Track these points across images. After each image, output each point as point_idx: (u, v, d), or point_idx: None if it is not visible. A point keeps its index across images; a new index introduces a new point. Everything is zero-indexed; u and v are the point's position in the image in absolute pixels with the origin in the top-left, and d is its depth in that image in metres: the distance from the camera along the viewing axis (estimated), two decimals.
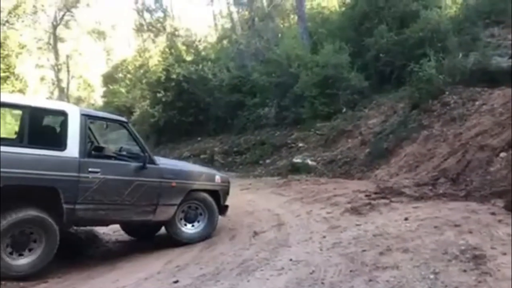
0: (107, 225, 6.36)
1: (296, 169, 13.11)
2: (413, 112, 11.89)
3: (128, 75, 27.44)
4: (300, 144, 14.56)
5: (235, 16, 20.14)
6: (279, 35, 20.53)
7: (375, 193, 7.46)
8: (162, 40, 24.37)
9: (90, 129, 5.88)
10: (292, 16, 20.72)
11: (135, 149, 6.16)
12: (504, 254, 3.61)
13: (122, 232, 6.91)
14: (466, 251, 3.73)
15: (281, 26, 21.82)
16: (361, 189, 7.89)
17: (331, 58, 14.52)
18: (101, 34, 35.49)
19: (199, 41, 20.47)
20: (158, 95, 18.65)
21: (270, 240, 5.31)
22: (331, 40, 15.86)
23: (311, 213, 6.50)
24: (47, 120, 5.89)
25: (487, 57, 12.07)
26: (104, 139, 7.33)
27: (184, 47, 20.29)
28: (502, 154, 8.36)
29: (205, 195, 6.41)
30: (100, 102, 31.99)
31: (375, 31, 15.61)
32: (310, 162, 12.93)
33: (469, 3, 16.57)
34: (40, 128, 5.56)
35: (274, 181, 10.82)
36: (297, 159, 13.39)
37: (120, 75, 29.00)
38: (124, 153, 6.22)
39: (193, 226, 6.34)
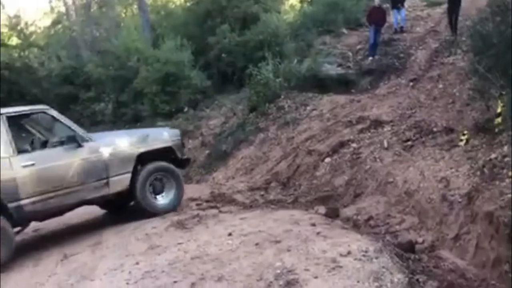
0: (68, 211, 6.16)
1: None
2: (251, 115, 12.04)
3: None
4: None
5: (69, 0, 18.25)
6: (121, 24, 19.21)
7: (207, 201, 7.19)
8: None
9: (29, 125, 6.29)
10: (135, 6, 19.53)
11: (61, 133, 6.00)
12: (316, 277, 3.54)
13: None
14: (281, 276, 3.58)
15: (123, 15, 20.45)
16: (194, 196, 7.54)
17: (172, 55, 13.95)
18: None
19: (27, 24, 18.01)
20: None
21: (76, 268, 4.57)
22: (174, 35, 15.31)
23: (137, 228, 5.88)
24: None
25: (318, 64, 12.81)
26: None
27: (6, 30, 17.63)
28: (327, 160, 8.85)
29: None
30: None
31: (218, 30, 15.55)
32: None
33: (306, 10, 17.56)
34: None
35: None
36: None
37: None
38: (62, 139, 5.92)
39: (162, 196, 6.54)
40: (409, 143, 8.03)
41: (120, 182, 6.17)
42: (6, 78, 15.74)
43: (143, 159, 6.41)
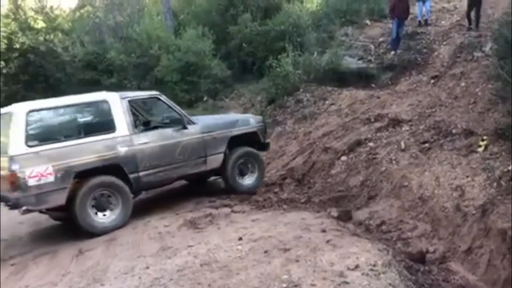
0: (170, 183, 7.22)
1: None
2: (269, 107, 12.04)
3: None
4: None
5: None
6: (145, 10, 19.25)
7: (222, 195, 7.27)
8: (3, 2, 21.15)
9: (134, 107, 7.04)
10: None
11: (170, 116, 7.05)
12: None
13: None
14: None
15: (146, 0, 20.45)
16: (211, 190, 7.66)
17: (193, 44, 13.95)
18: None
19: (52, 7, 18.18)
20: None
21: (89, 268, 4.71)
22: (196, 23, 15.30)
23: (148, 224, 6.01)
24: (94, 110, 6.48)
25: (338, 57, 12.65)
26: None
27: (32, 13, 17.83)
28: (343, 158, 8.81)
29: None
30: None
31: (240, 19, 15.45)
32: None
33: (329, 0, 17.26)
34: (91, 118, 6.44)
35: None
36: None
37: None
38: (167, 121, 7.03)
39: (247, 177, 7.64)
40: (427, 145, 7.94)
41: (215, 160, 7.21)
42: (31, 62, 16.05)
43: (233, 141, 7.42)
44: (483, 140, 6.95)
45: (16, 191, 5.62)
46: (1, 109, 6.28)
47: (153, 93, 7.21)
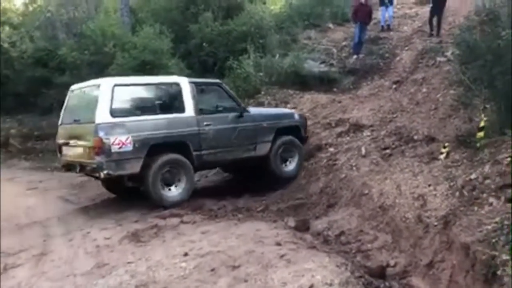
0: (224, 165, 8.17)
1: None
2: None
3: None
4: None
5: None
6: (103, 6, 18.40)
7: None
8: None
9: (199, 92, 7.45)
10: None
11: (228, 104, 7.69)
12: None
13: None
14: None
15: None
16: None
17: (150, 42, 13.32)
18: None
19: None
20: None
21: None
22: (155, 21, 14.68)
23: (87, 236, 5.43)
24: (168, 91, 7.23)
25: (301, 60, 12.38)
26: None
27: None
28: (305, 163, 8.48)
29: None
30: None
31: (200, 18, 14.96)
32: None
33: (292, 2, 17.03)
34: (165, 98, 7.15)
35: (70, 179, 9.35)
36: None
37: None
38: (221, 108, 7.57)
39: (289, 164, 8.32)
40: (388, 151, 7.71)
41: (263, 147, 7.90)
42: None
43: (279, 132, 8.08)
44: (444, 147, 6.75)
45: (100, 155, 6.23)
46: (89, 81, 7.13)
47: (216, 81, 8.13)
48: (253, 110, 8.23)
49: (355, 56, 12.66)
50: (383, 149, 7.81)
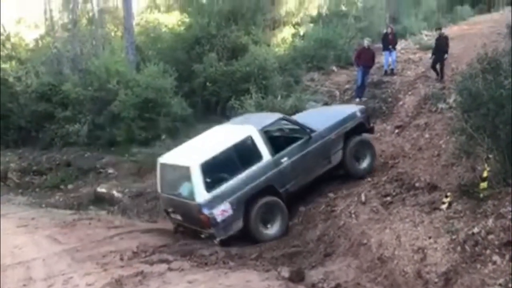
0: (307, 186, 8.22)
1: (99, 200, 11.58)
2: None
3: None
4: (111, 171, 12.98)
5: (56, 15, 17.72)
6: (110, 43, 18.70)
7: (160, 248, 6.50)
8: None
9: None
10: None
11: (296, 131, 8.23)
12: None
13: None
14: None
15: (112, 34, 19.95)
16: (149, 243, 6.85)
17: (154, 80, 13.39)
18: None
19: (9, 35, 17.43)
20: None
21: None
22: (160, 59, 14.83)
23: (69, 281, 5.17)
24: (243, 146, 7.62)
25: (303, 101, 12.35)
26: None
27: None
28: (301, 208, 8.24)
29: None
30: None
31: (205, 58, 15.12)
32: (116, 194, 11.51)
33: (297, 45, 17.23)
34: (243, 153, 7.54)
35: (63, 217, 9.13)
36: (102, 188, 11.85)
37: None
38: (290, 138, 8.12)
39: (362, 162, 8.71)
40: (389, 198, 7.46)
41: (337, 157, 8.33)
42: None
43: (346, 135, 8.45)
44: (446, 196, 6.50)
45: (210, 228, 7.06)
46: (175, 154, 8.09)
47: (279, 116, 8.43)
48: (314, 120, 8.43)
49: (357, 100, 12.61)
50: (384, 196, 7.56)
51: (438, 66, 12.68)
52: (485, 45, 7.80)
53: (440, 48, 12.54)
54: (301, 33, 17.49)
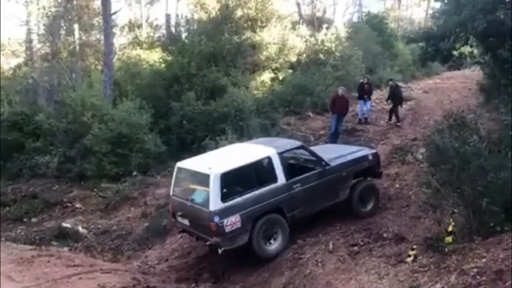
0: (312, 215, 8.39)
1: (63, 235, 11.10)
2: None
3: None
4: (78, 205, 12.60)
5: (36, 45, 17.66)
6: (90, 76, 18.65)
7: None
8: None
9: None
10: None
11: (311, 162, 8.46)
12: None
13: None
14: None
15: (93, 68, 19.95)
16: (108, 285, 6.59)
17: (129, 116, 13.31)
18: None
19: None
20: None
21: None
22: (138, 95, 14.83)
23: None
24: (261, 165, 7.96)
25: None
26: None
27: None
28: None
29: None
30: None
31: (184, 96, 15.20)
32: (81, 230, 11.13)
33: (275, 89, 17.48)
34: (260, 172, 7.85)
35: (21, 253, 8.73)
36: (67, 223, 11.42)
37: None
38: (310, 165, 8.42)
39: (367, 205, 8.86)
40: (356, 248, 7.43)
41: (344, 193, 8.55)
42: None
43: (356, 175, 8.69)
44: (412, 249, 6.52)
45: (217, 236, 7.29)
46: (195, 162, 8.28)
47: (299, 144, 8.74)
48: (330, 157, 8.58)
49: None
50: (351, 246, 7.53)
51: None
52: (451, 102, 8.06)
53: (397, 95, 14.17)
54: (280, 78, 17.78)
